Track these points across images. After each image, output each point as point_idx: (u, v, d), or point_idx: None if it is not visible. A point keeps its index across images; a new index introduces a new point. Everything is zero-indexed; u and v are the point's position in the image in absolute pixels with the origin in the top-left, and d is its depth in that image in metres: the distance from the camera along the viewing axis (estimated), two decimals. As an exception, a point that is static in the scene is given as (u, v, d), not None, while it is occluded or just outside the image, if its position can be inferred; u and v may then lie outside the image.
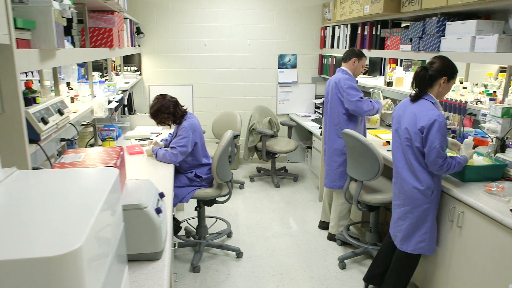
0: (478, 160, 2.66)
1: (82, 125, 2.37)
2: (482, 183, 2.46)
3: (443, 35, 3.07)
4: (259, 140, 4.77)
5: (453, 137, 3.20)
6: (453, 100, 3.06)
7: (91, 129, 2.93)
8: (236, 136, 4.49)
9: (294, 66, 5.41)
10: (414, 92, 2.43)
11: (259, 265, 3.21)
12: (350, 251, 3.29)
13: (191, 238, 3.46)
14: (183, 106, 3.11)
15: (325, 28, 5.20)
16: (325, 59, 5.25)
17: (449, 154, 2.62)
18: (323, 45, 5.29)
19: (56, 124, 1.87)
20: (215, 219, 3.82)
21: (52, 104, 1.91)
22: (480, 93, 3.06)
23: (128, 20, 4.02)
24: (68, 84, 2.83)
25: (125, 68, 4.62)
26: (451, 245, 2.47)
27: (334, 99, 3.33)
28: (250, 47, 5.25)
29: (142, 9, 4.92)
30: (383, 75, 4.32)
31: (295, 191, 4.73)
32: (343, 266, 3.18)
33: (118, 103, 3.31)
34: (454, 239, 2.45)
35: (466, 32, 2.85)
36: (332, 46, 4.96)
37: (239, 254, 3.30)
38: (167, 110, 2.98)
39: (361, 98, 3.22)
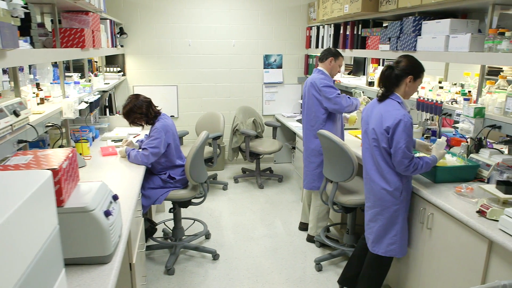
0: (451, 160, 2.62)
1: (47, 126, 2.34)
2: (454, 184, 2.43)
3: (420, 35, 3.04)
4: (243, 141, 4.74)
5: (426, 137, 3.18)
6: (430, 100, 3.03)
7: (63, 129, 2.90)
8: (218, 137, 4.47)
9: (279, 66, 5.38)
10: (380, 91, 2.40)
11: (235, 267, 3.18)
12: (327, 253, 3.26)
13: (169, 240, 3.43)
14: (157, 107, 3.08)
15: (311, 28, 5.17)
16: (311, 59, 5.22)
17: (421, 155, 2.59)
18: (308, 45, 5.26)
19: (11, 125, 1.84)
20: (193, 220, 3.79)
21: (7, 106, 1.88)
22: (456, 93, 3.03)
23: (107, 20, 4.00)
24: (38, 85, 2.80)
25: (107, 68, 4.59)
26: (422, 247, 2.44)
27: (311, 100, 3.30)
28: (235, 47, 5.22)
29: (125, 9, 4.89)
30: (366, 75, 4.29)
31: (278, 192, 4.70)
32: (319, 268, 3.14)
33: (93, 104, 3.28)
34: (424, 241, 2.42)
35: (440, 31, 2.82)
36: (317, 46, 4.93)
37: (215, 256, 3.27)
38: (139, 110, 2.95)
39: (339, 94, 3.20)
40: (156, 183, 3.03)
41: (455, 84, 3.32)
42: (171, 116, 5.20)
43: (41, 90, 2.77)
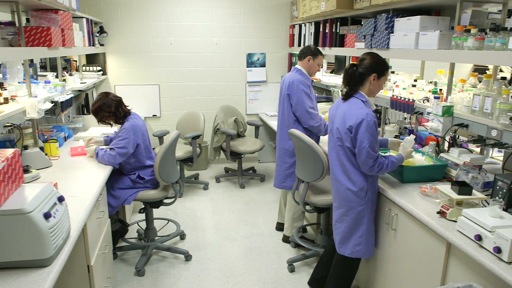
0: (419, 160, 2.58)
1: (6, 126, 2.30)
2: (422, 184, 2.38)
3: (392, 32, 3.00)
4: (225, 140, 4.70)
5: (396, 136, 3.14)
6: (402, 99, 2.98)
7: (30, 130, 2.87)
8: (197, 136, 4.42)
9: (263, 65, 5.33)
10: (345, 90, 2.36)
11: (206, 268, 3.14)
12: (301, 254, 3.22)
13: (142, 241, 3.39)
14: (127, 106, 3.04)
15: (294, 26, 5.12)
16: (294, 58, 5.17)
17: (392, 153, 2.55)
18: (292, 43, 5.21)
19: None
20: (166, 221, 3.75)
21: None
22: (429, 91, 2.99)
23: (83, 19, 3.96)
24: (1, 84, 2.76)
25: (87, 68, 4.55)
26: (388, 248, 2.40)
27: (285, 100, 3.25)
28: (217, 46, 5.18)
29: (105, 8, 4.85)
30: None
31: (259, 192, 4.65)
32: (292, 269, 3.10)
33: (64, 104, 3.24)
34: (390, 242, 2.38)
35: (411, 28, 2.78)
36: (299, 44, 4.88)
37: (187, 257, 3.23)
38: (108, 109, 2.90)
39: (312, 108, 3.13)
40: (126, 183, 2.99)
41: (431, 82, 3.28)
42: (153, 115, 5.18)
43: (5, 89, 2.73)
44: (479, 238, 1.72)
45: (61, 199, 1.75)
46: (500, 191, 2.10)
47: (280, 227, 3.70)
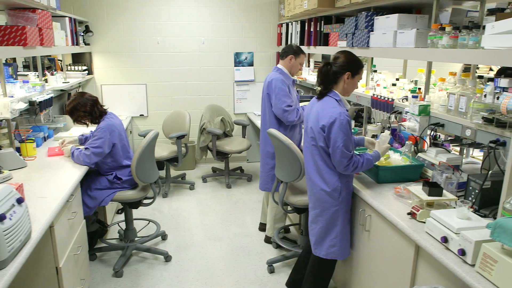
0: (396, 159, 2.55)
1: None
2: (397, 185, 2.35)
3: (372, 30, 2.97)
4: (211, 140, 4.67)
5: (373, 136, 3.11)
6: (382, 98, 2.95)
7: (5, 130, 2.84)
8: (182, 136, 4.39)
9: (251, 64, 5.30)
10: (319, 89, 2.32)
11: (186, 269, 3.11)
12: (281, 255, 3.19)
13: (123, 242, 3.36)
14: (104, 106, 3.00)
15: (281, 25, 5.09)
16: (283, 57, 5.13)
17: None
18: (280, 42, 5.18)
19: None
20: (147, 221, 3.72)
21: None
22: (409, 90, 2.95)
23: (66, 18, 3.92)
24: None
25: (72, 67, 4.52)
26: (362, 250, 2.37)
27: (266, 100, 3.22)
28: (204, 45, 5.15)
29: (91, 7, 4.81)
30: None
31: (245, 192, 4.62)
32: (271, 270, 3.07)
33: (42, 104, 3.20)
34: (364, 243, 2.35)
35: (390, 26, 2.75)
36: (286, 43, 4.84)
37: (167, 258, 3.20)
38: (83, 109, 2.87)
39: (289, 106, 3.10)
40: (103, 183, 2.96)
41: (412, 81, 3.25)
42: (140, 115, 5.16)
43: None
44: (445, 240, 1.69)
45: (20, 200, 1.71)
46: (473, 191, 2.07)
47: (263, 227, 3.67)
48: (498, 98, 2.00)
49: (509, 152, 1.82)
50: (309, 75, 4.48)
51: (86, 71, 4.67)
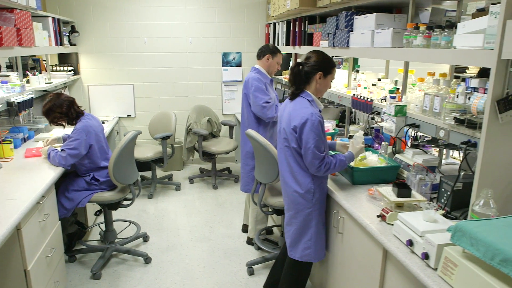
0: (372, 160, 2.52)
1: None
2: (372, 186, 2.32)
3: (352, 30, 2.94)
4: (198, 141, 4.64)
5: (350, 137, 3.08)
6: (362, 98, 2.92)
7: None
8: (167, 137, 4.37)
9: (239, 65, 5.27)
10: (291, 89, 2.30)
11: (165, 271, 3.08)
12: (261, 256, 3.16)
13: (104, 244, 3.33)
14: (81, 107, 2.98)
15: (269, 25, 5.06)
16: (271, 57, 5.10)
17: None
18: (268, 42, 5.15)
19: None
20: (128, 223, 3.69)
21: None
22: (388, 90, 2.92)
23: (49, 18, 3.90)
24: None
25: (57, 67, 4.49)
26: (337, 252, 2.34)
27: (244, 99, 3.21)
28: (192, 45, 5.12)
29: (77, 7, 4.79)
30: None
31: (231, 193, 4.59)
32: (251, 272, 3.05)
33: (21, 104, 3.18)
34: (338, 245, 2.32)
35: (368, 26, 2.72)
36: (274, 43, 4.82)
37: (147, 260, 3.18)
38: (59, 110, 2.84)
39: (267, 102, 3.08)
40: (81, 185, 2.93)
41: (394, 81, 3.22)
42: (127, 115, 5.13)
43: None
44: (410, 243, 1.66)
45: (-22, 203, 1.69)
46: (445, 193, 2.04)
47: (245, 229, 3.64)
48: (469, 98, 1.98)
49: (478, 154, 1.80)
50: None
51: (72, 72, 4.64)
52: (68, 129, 3.51)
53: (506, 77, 1.69)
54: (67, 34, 4.54)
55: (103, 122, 4.60)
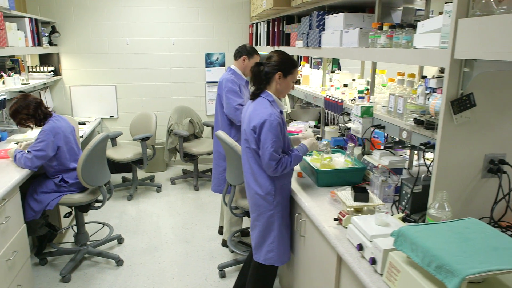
0: (339, 162, 2.48)
1: None
2: (336, 188, 2.28)
3: (323, 30, 2.91)
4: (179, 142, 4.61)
5: (318, 138, 3.05)
6: (333, 99, 2.89)
7: None
8: (147, 138, 4.33)
9: (222, 65, 5.23)
10: (252, 90, 2.26)
11: (136, 273, 3.05)
12: (233, 259, 3.12)
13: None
14: (48, 108, 2.94)
15: (252, 25, 5.03)
16: (254, 57, 5.07)
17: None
18: (251, 42, 5.11)
19: None
20: (101, 224, 3.66)
21: None
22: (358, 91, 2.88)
23: (25, 18, 3.87)
24: None
25: (37, 68, 4.46)
26: (301, 256, 2.30)
27: (217, 100, 3.17)
28: (175, 45, 5.08)
29: (57, 7, 4.75)
30: (298, 73, 4.14)
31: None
32: (222, 275, 3.01)
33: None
34: (301, 249, 2.28)
35: (337, 26, 2.69)
36: (256, 44, 4.78)
37: (118, 262, 3.14)
38: (25, 111, 2.80)
39: (241, 105, 3.04)
40: (49, 187, 2.90)
41: (367, 82, 3.18)
42: (110, 116, 5.10)
43: None
44: (360, 247, 1.63)
45: None
46: (406, 196, 2.00)
47: (222, 230, 3.61)
48: (429, 99, 1.94)
49: (434, 156, 1.76)
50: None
51: (52, 72, 4.61)
52: (37, 131, 3.49)
53: (460, 77, 1.66)
54: (47, 34, 4.51)
55: (84, 123, 4.58)
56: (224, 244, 3.42)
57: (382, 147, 2.63)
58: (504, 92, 1.73)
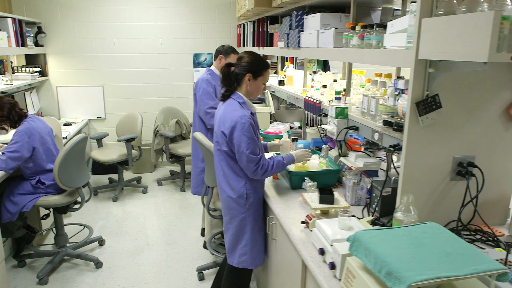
0: (314, 164, 2.45)
1: None
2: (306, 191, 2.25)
3: (302, 30, 2.88)
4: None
5: (293, 140, 3.01)
6: (312, 100, 2.86)
7: None
8: (132, 139, 4.31)
9: (210, 65, 5.18)
10: (222, 91, 2.23)
11: (115, 276, 3.02)
12: (212, 261, 3.10)
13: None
14: (23, 109, 2.91)
15: (240, 25, 5.00)
16: (243, 58, 5.04)
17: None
18: (239, 43, 5.08)
19: None
20: (82, 226, 3.64)
21: None
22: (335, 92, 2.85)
23: (8, 19, 3.85)
24: None
25: (22, 69, 4.44)
26: (274, 259, 2.27)
27: (194, 101, 3.15)
28: (162, 46, 5.06)
29: (44, 8, 4.73)
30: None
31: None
32: (201, 277, 2.98)
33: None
34: (273, 252, 2.25)
35: (314, 26, 2.66)
36: (243, 44, 4.76)
37: (97, 264, 3.12)
38: (-1, 113, 2.79)
39: (212, 108, 3.01)
40: (26, 188, 2.88)
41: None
42: (97, 117, 5.07)
43: None
44: (321, 252, 1.60)
45: None
46: (376, 198, 1.97)
47: (204, 232, 3.58)
48: (398, 100, 1.91)
49: (401, 158, 1.73)
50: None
51: (38, 73, 4.59)
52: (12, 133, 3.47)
53: (425, 78, 1.63)
54: (32, 35, 4.48)
55: (70, 124, 4.56)
56: (205, 246, 3.39)
57: (362, 149, 2.60)
58: (472, 93, 1.70)
